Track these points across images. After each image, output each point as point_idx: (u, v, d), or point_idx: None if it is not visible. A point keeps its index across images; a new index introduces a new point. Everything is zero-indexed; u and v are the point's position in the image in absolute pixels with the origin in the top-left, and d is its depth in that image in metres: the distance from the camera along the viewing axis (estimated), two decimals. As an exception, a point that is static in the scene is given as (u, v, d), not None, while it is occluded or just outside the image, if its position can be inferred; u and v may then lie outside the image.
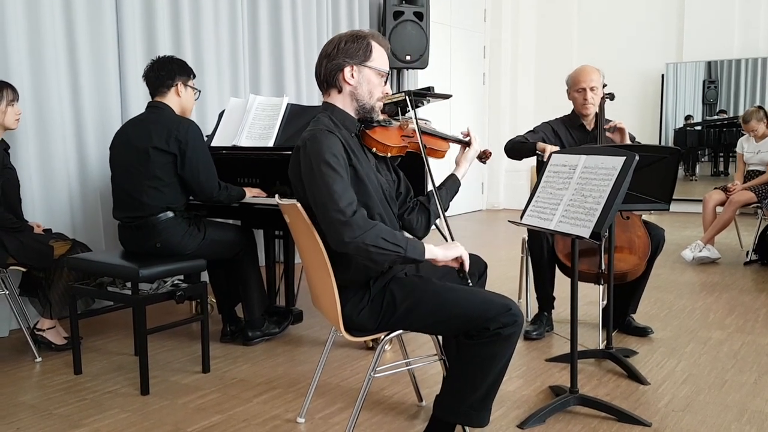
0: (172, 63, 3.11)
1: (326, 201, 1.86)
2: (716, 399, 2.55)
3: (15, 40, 3.48)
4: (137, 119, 3.11)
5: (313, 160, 1.91)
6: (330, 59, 2.04)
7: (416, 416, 2.44)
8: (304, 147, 1.96)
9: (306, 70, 5.37)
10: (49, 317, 3.20)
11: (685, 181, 8.12)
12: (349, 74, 2.04)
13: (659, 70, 8.11)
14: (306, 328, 3.57)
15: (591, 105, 3.35)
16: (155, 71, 3.08)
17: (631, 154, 2.13)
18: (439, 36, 7.63)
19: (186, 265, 2.91)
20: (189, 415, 2.48)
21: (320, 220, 1.90)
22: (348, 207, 1.85)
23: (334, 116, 2.06)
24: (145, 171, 2.93)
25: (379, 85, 2.10)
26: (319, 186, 1.88)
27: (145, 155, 2.92)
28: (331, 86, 2.08)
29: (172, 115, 3.05)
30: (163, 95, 3.08)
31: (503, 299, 1.92)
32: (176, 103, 3.10)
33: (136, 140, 2.96)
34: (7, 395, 2.69)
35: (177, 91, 3.09)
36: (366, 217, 1.88)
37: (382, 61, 2.10)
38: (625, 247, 3.17)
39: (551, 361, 3.01)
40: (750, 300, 4.03)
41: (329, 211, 1.85)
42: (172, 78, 3.07)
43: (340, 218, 1.83)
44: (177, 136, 2.92)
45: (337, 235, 1.85)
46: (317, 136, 1.95)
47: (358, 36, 2.06)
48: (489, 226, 7.69)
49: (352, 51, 2.04)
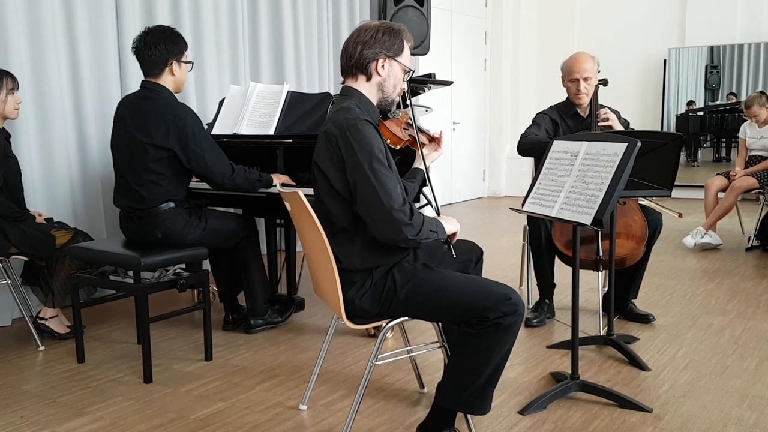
0: (165, 39, 2.95)
1: (384, 199, 1.88)
2: (717, 385, 2.56)
3: (14, 29, 3.46)
4: (132, 102, 2.99)
5: (360, 153, 1.91)
6: (366, 47, 2.05)
7: (418, 403, 2.45)
8: (344, 136, 1.93)
9: (306, 58, 5.35)
10: (51, 306, 3.21)
11: (686, 167, 8.10)
12: (381, 65, 2.08)
13: (661, 55, 8.07)
14: (308, 316, 3.58)
15: (584, 95, 3.34)
16: (148, 48, 2.93)
17: (633, 140, 2.13)
18: (440, 22, 7.59)
19: (188, 254, 2.91)
20: (192, 402, 2.49)
21: (373, 214, 1.91)
22: (405, 205, 1.90)
23: (360, 103, 2.07)
24: (144, 166, 2.89)
25: (402, 81, 2.15)
26: (372, 182, 1.89)
27: (143, 150, 2.87)
28: (361, 72, 2.08)
29: (168, 99, 2.94)
30: (157, 76, 2.97)
31: (503, 288, 1.92)
32: (171, 82, 3.00)
33: (135, 131, 2.90)
34: (10, 384, 2.71)
35: (171, 71, 2.98)
36: (415, 211, 1.93)
37: (409, 58, 2.15)
38: (622, 233, 3.17)
39: (552, 348, 3.01)
40: (751, 286, 4.03)
41: (390, 210, 1.88)
42: (166, 59, 2.95)
43: (403, 219, 1.88)
44: (175, 129, 2.85)
45: (396, 233, 1.90)
46: (358, 125, 1.94)
47: (393, 29, 2.10)
48: (490, 213, 7.68)
49: (388, 43, 2.07)
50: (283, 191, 2.13)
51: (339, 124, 1.96)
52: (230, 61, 4.78)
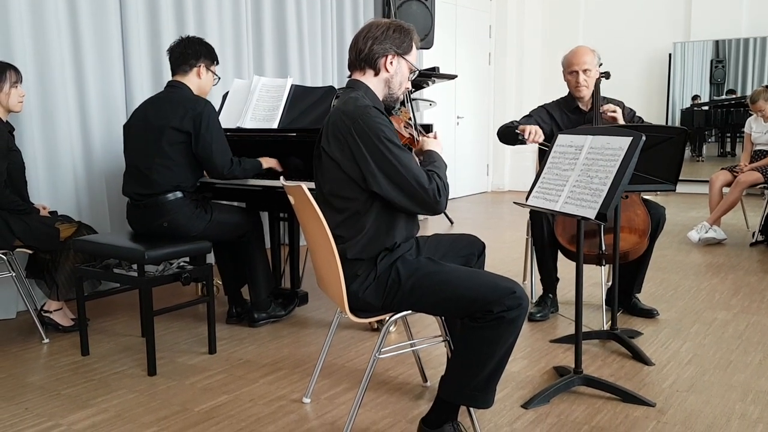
0: (201, 45, 3.11)
1: (412, 181, 1.94)
2: (721, 379, 2.56)
3: (18, 22, 3.46)
4: (155, 97, 3.11)
5: (377, 140, 1.93)
6: (377, 42, 2.08)
7: (421, 396, 2.45)
8: (354, 124, 1.94)
9: (309, 51, 5.34)
10: (55, 299, 3.22)
11: (691, 161, 8.08)
12: (390, 61, 2.10)
13: (666, 49, 8.03)
14: (311, 310, 3.58)
15: (584, 87, 3.34)
16: (181, 47, 3.07)
17: (638, 134, 2.12)
18: (445, 15, 7.56)
19: (192, 247, 2.91)
20: (196, 395, 2.50)
21: (406, 195, 1.97)
22: (432, 183, 1.97)
23: (367, 95, 2.08)
24: (157, 148, 2.93)
25: (407, 80, 2.18)
26: (396, 166, 1.94)
27: (159, 133, 2.93)
28: (370, 67, 2.11)
29: (189, 94, 3.04)
30: (183, 74, 3.07)
31: (507, 282, 1.92)
32: (195, 84, 3.09)
33: (153, 118, 2.97)
34: (15, 376, 2.72)
35: (198, 72, 3.08)
36: (439, 183, 1.99)
37: (416, 57, 2.19)
38: (624, 227, 3.16)
39: (556, 342, 3.01)
40: (755, 281, 4.02)
41: (421, 190, 1.95)
42: (197, 58, 3.07)
43: (435, 196, 1.97)
44: (192, 115, 2.92)
45: (431, 208, 2.00)
46: (370, 112, 1.96)
47: (403, 28, 2.13)
48: (494, 207, 7.67)
49: (398, 41, 2.10)
50: (287, 185, 2.12)
51: (349, 113, 1.97)
52: (234, 55, 4.78)
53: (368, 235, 2.02)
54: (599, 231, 3.06)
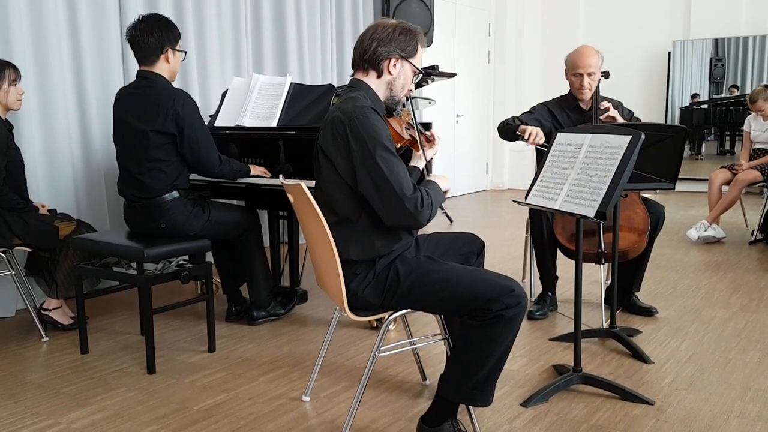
0: (161, 27, 2.95)
1: (396, 187, 1.90)
2: (720, 377, 2.56)
3: (17, 20, 3.46)
4: (129, 92, 3.01)
5: (369, 141, 1.92)
6: (382, 44, 2.06)
7: (420, 395, 2.46)
8: (350, 123, 1.94)
9: (309, 50, 5.33)
10: (55, 297, 3.22)
11: (690, 160, 8.08)
12: (393, 64, 2.09)
13: (666, 47, 8.03)
14: (311, 308, 3.58)
15: (587, 90, 3.34)
16: (144, 36, 2.93)
17: (637, 132, 2.12)
18: (444, 13, 7.55)
19: (191, 246, 2.91)
20: (195, 393, 2.50)
21: (386, 202, 1.93)
22: (416, 192, 1.93)
23: (368, 96, 2.08)
24: (147, 154, 2.89)
25: (410, 82, 2.17)
26: (382, 171, 1.91)
27: (145, 138, 2.88)
28: (373, 68, 2.10)
29: (164, 86, 2.95)
30: (152, 64, 2.97)
31: (506, 280, 1.92)
32: (166, 70, 3.00)
33: (135, 120, 2.91)
34: (14, 374, 2.72)
35: (167, 58, 2.98)
36: (424, 195, 1.94)
37: (420, 60, 2.16)
38: (624, 225, 3.16)
39: (555, 341, 3.01)
40: (754, 279, 4.03)
41: (402, 198, 1.90)
42: (162, 46, 2.95)
43: (416, 206, 1.91)
44: (173, 114, 2.86)
45: (410, 220, 1.94)
46: (367, 114, 1.95)
47: (409, 30, 2.11)
48: (493, 206, 7.67)
49: (404, 44, 2.09)
50: (287, 183, 2.12)
51: (347, 111, 1.97)
52: (233, 53, 4.77)
53: (362, 242, 2.01)
54: (598, 229, 3.06)
